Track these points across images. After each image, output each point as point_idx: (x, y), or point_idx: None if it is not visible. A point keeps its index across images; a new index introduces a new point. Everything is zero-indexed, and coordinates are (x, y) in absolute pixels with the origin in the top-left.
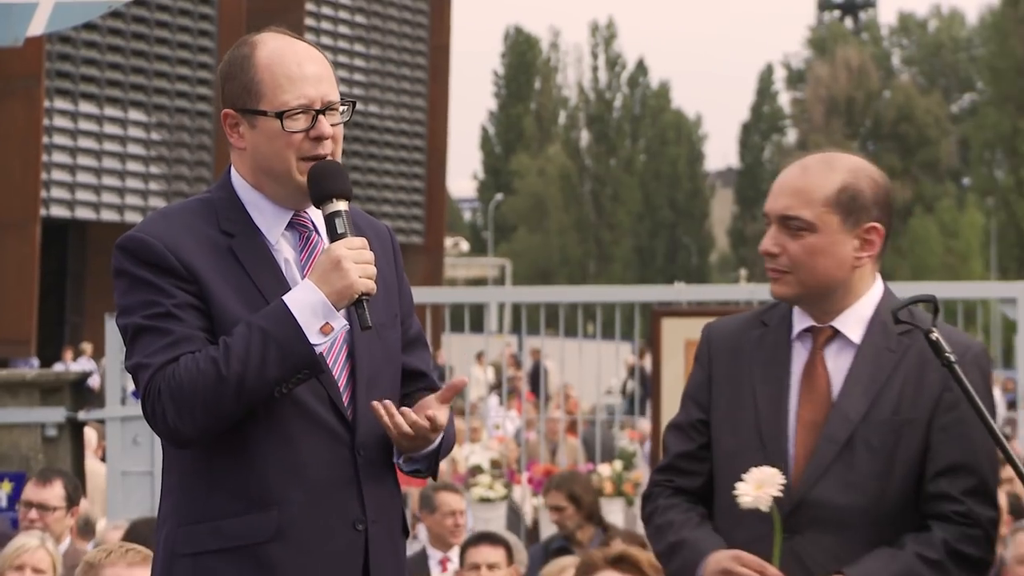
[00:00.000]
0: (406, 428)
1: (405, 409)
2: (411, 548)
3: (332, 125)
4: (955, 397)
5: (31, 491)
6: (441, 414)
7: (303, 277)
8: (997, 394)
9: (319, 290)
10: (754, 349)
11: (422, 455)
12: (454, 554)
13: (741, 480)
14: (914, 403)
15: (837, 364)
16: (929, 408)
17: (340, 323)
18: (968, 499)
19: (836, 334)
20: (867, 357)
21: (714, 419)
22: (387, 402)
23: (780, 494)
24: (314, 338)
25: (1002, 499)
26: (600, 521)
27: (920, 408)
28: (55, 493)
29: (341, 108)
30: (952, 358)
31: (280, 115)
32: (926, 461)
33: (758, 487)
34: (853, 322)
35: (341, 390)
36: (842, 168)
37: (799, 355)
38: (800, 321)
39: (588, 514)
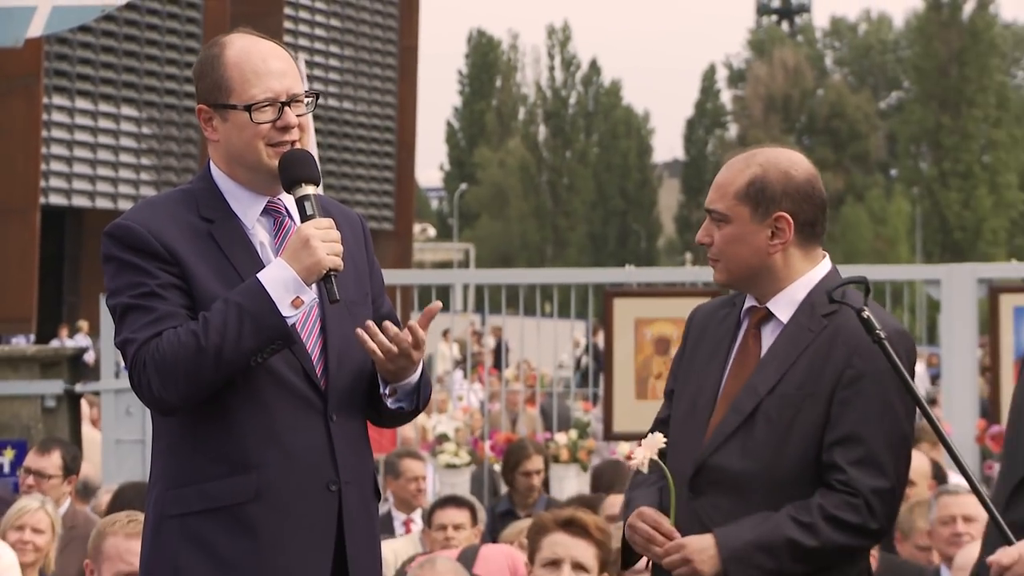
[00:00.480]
0: (389, 344)
1: (387, 324)
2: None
3: (297, 115)
4: (856, 373)
5: (31, 459)
6: (420, 332)
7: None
8: (921, 368)
9: (290, 267)
10: (716, 327)
11: (405, 391)
12: (417, 516)
13: (674, 445)
14: (818, 378)
15: (768, 342)
16: (831, 383)
17: (310, 296)
18: (852, 468)
19: (771, 314)
20: (788, 335)
21: (676, 390)
22: (368, 323)
23: (655, 457)
24: (286, 311)
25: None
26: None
27: (822, 383)
28: (52, 462)
29: (306, 100)
30: (882, 335)
31: (249, 108)
32: (825, 433)
33: (646, 450)
34: (785, 303)
35: (314, 362)
36: (756, 163)
37: (742, 333)
38: (748, 302)
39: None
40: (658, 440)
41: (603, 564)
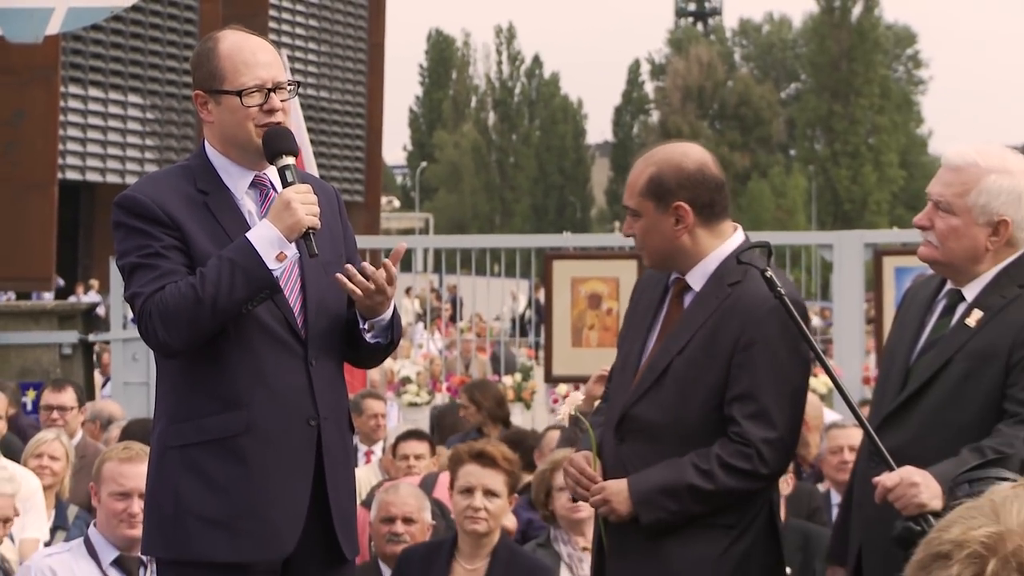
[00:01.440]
0: (367, 283)
1: (364, 264)
2: None
3: (281, 100)
4: (749, 339)
5: (50, 396)
6: (392, 268)
7: None
8: (816, 321)
9: (274, 226)
10: (651, 292)
11: (381, 326)
12: (377, 448)
13: (611, 395)
14: (719, 342)
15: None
16: (729, 348)
17: (292, 251)
18: (745, 422)
19: (689, 285)
20: (699, 303)
21: (619, 344)
22: (347, 266)
23: (572, 412)
24: (272, 264)
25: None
26: (506, 421)
27: (723, 347)
28: (69, 396)
29: (288, 87)
30: (783, 292)
31: (239, 93)
32: (726, 391)
33: (567, 406)
34: (699, 276)
35: (296, 314)
36: (653, 162)
37: (668, 301)
38: (674, 274)
39: (489, 414)
40: (576, 398)
41: (511, 489)
